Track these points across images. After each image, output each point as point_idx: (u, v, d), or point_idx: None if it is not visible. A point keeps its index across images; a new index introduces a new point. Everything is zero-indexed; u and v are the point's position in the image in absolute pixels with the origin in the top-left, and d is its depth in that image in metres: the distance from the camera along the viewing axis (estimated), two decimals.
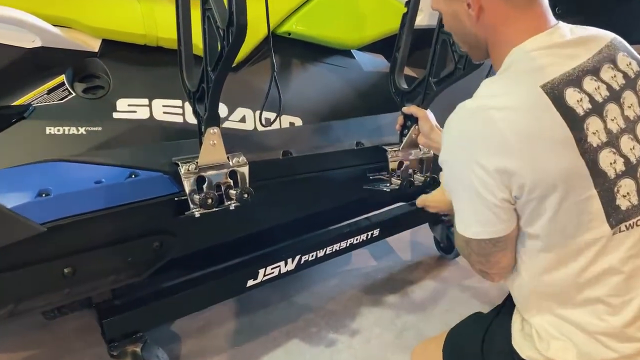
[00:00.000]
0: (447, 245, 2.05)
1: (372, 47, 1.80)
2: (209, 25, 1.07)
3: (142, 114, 1.31)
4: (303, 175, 1.37)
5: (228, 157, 1.20)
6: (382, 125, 1.56)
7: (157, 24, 1.32)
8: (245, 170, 1.21)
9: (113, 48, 1.30)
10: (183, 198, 1.16)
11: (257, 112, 1.46)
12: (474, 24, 0.85)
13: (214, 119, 1.15)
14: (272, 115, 1.50)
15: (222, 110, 1.42)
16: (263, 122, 1.42)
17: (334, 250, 1.70)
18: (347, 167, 1.45)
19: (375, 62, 1.81)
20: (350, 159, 1.46)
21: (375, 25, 1.65)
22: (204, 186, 1.17)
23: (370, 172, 1.51)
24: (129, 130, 1.28)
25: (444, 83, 1.37)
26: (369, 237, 1.79)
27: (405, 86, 1.49)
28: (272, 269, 1.57)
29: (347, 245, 1.74)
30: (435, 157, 1.50)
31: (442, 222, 1.97)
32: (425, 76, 1.40)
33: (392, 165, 1.47)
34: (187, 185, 1.15)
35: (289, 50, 1.58)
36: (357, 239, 1.75)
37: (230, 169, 1.20)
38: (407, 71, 2.01)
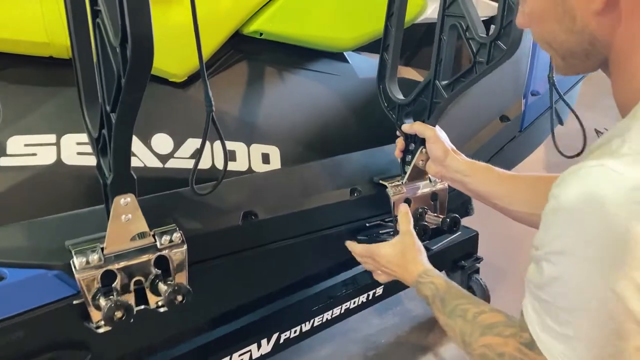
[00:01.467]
0: None
1: (369, 47, 1.40)
2: (100, 38, 0.66)
3: (46, 157, 0.93)
4: (274, 245, 0.96)
5: (154, 235, 0.80)
6: (391, 161, 1.14)
7: (66, 29, 0.91)
8: (180, 252, 0.80)
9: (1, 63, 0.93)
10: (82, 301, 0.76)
11: (217, 143, 1.07)
12: (593, 18, 0.51)
13: (125, 183, 0.73)
14: (238, 145, 1.12)
15: (165, 143, 1.03)
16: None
17: (324, 320, 1.30)
18: (338, 226, 1.04)
19: (373, 65, 1.41)
20: (342, 215, 1.05)
21: (373, 19, 1.23)
22: (116, 284, 0.76)
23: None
24: (22, 185, 0.90)
25: (458, 86, 0.95)
26: (371, 297, 1.38)
27: (400, 96, 1.08)
28: (239, 356, 1.16)
29: (342, 312, 1.33)
30: (452, 190, 1.09)
31: (463, 268, 1.57)
32: (430, 79, 0.99)
33: (395, 200, 1.07)
34: (86, 288, 0.74)
35: (261, 55, 1.19)
36: (354, 302, 1.35)
37: (158, 253, 0.79)
38: (410, 73, 1.62)
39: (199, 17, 0.78)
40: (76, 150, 0.96)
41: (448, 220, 1.03)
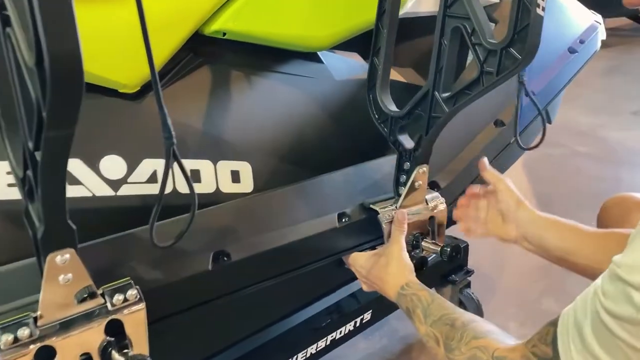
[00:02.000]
0: None
1: (344, 45, 1.26)
2: (13, 54, 0.49)
3: None
4: (252, 289, 0.81)
5: (103, 294, 0.64)
6: (381, 179, 1.01)
7: None
8: (137, 313, 0.64)
9: None
10: None
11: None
12: None
13: (60, 236, 0.57)
14: (205, 164, 0.98)
15: (116, 166, 0.87)
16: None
17: (308, 355, 1.16)
18: (325, 258, 0.90)
19: (352, 66, 1.27)
20: (329, 246, 0.90)
21: (349, 14, 1.09)
22: None
23: None
24: None
25: (462, 100, 0.81)
26: (358, 324, 1.25)
27: (393, 107, 0.94)
28: None
29: (327, 344, 1.19)
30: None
31: (454, 283, 1.45)
32: (428, 89, 0.85)
33: (388, 229, 0.93)
34: None
35: (225, 57, 1.03)
36: (340, 332, 1.21)
37: (109, 317, 0.63)
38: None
39: (150, 15, 0.62)
40: (7, 181, 0.79)
41: (448, 249, 0.90)
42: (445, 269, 1.44)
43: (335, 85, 1.17)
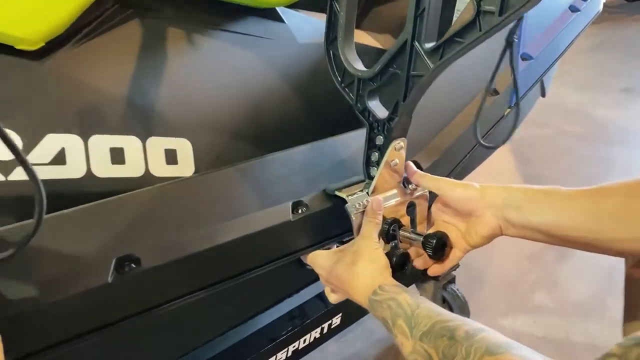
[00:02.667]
0: None
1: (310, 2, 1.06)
2: None
3: None
4: (171, 306, 0.60)
5: None
6: (348, 159, 0.81)
7: None
8: None
9: None
10: None
11: (95, 138, 0.72)
12: None
13: None
14: (131, 140, 0.79)
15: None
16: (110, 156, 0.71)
17: None
18: (274, 261, 0.70)
19: (318, 28, 1.06)
20: (279, 245, 0.70)
21: None
22: None
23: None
24: None
25: (451, 52, 0.59)
26: (326, 330, 1.06)
27: (361, 66, 0.73)
28: None
29: (288, 355, 1.00)
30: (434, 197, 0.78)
31: (437, 279, 1.28)
32: (407, 40, 0.64)
33: (358, 221, 0.74)
34: None
35: (161, 11, 0.82)
36: (304, 341, 1.02)
37: None
38: (363, 38, 1.28)
39: None
40: None
41: (434, 240, 0.71)
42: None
43: (297, 49, 0.96)
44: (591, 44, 3.63)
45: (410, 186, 0.78)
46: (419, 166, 0.86)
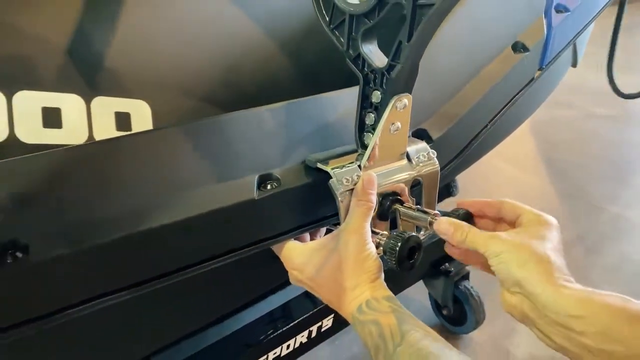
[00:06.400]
0: (455, 313, 1.16)
1: None
2: None
3: None
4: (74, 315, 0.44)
5: None
6: (336, 122, 0.63)
7: None
8: None
9: None
10: None
11: (23, 95, 0.56)
12: None
13: None
14: (71, 99, 0.62)
15: None
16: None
17: None
18: (228, 253, 0.53)
19: None
20: (239, 232, 0.53)
21: None
22: None
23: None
24: None
25: None
26: (315, 334, 0.90)
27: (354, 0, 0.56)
28: None
29: None
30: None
31: (447, 274, 1.10)
32: None
33: (346, 202, 0.57)
34: None
35: None
36: (290, 345, 0.86)
37: None
38: None
39: None
40: None
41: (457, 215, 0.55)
42: (436, 256, 1.09)
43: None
44: (627, 24, 3.40)
45: (416, 159, 0.61)
46: (428, 136, 0.69)
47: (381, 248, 0.55)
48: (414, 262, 0.55)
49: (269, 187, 0.54)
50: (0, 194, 0.42)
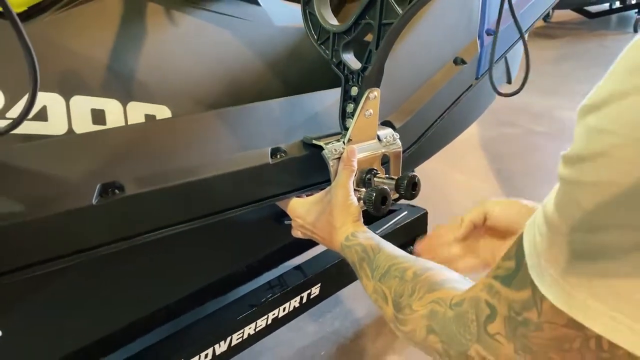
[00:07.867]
0: None
1: None
2: None
3: None
4: (153, 236, 0.62)
5: None
6: (324, 112, 0.84)
7: None
8: None
9: None
10: None
11: (77, 98, 0.73)
12: None
13: None
14: (112, 103, 0.80)
15: None
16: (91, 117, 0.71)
17: (245, 336, 0.97)
18: (251, 203, 0.72)
19: (294, 14, 1.10)
20: (257, 189, 0.72)
21: None
22: None
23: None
24: None
25: None
26: (305, 300, 1.07)
27: (335, 21, 0.77)
28: None
29: (269, 322, 1.01)
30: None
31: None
32: None
33: (335, 167, 0.76)
34: None
35: None
36: (285, 308, 1.03)
37: None
38: None
39: None
40: None
41: (405, 181, 0.75)
42: (404, 239, 1.29)
43: (275, 32, 1.00)
44: (555, 56, 3.79)
45: (384, 139, 0.82)
46: (392, 125, 0.90)
47: (362, 201, 0.75)
48: (386, 206, 0.74)
49: (278, 156, 0.73)
50: (104, 152, 0.59)
